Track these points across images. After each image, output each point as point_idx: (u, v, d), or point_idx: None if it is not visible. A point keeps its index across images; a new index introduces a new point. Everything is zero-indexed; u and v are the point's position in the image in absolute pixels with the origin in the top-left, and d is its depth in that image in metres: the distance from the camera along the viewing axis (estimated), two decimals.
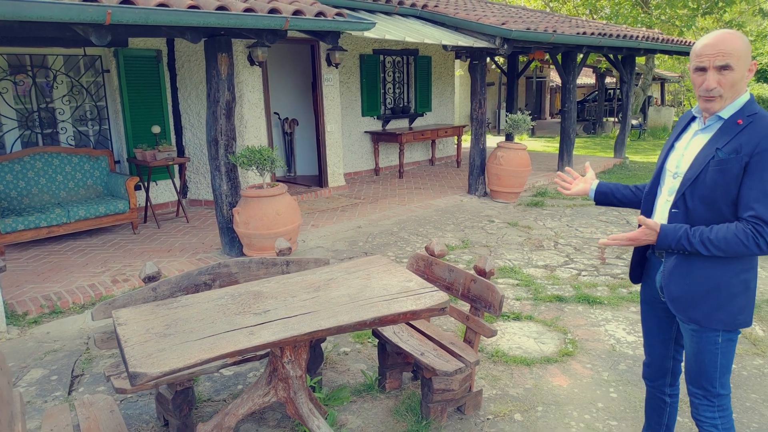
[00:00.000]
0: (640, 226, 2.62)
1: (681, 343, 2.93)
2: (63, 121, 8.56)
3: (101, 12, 4.75)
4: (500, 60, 20.11)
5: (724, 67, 2.42)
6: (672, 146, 2.75)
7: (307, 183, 11.38)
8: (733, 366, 4.48)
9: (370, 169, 12.98)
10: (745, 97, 2.50)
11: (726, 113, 2.50)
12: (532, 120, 25.60)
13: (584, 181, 3.18)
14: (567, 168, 3.31)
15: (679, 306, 2.64)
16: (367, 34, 7.45)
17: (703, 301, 2.57)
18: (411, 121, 13.72)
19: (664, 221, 2.66)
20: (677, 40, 14.46)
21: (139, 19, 5.02)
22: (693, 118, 2.73)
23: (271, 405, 3.78)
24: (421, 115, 13.97)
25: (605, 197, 3.11)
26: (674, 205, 2.60)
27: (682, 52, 14.97)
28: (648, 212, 2.83)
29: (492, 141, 16.17)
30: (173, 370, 2.44)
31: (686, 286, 2.60)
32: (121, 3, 4.95)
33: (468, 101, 21.95)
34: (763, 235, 2.37)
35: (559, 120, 13.02)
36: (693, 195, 2.53)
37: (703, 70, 2.48)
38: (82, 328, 5.36)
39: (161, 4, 5.18)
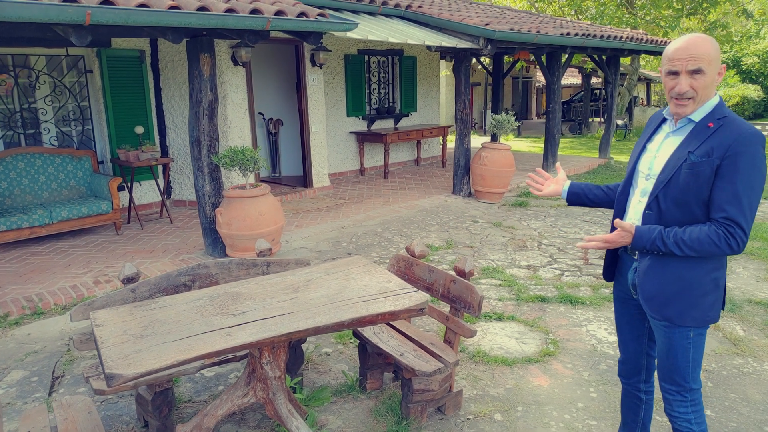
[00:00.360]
0: (613, 228, 2.66)
1: (654, 340, 2.97)
2: (46, 121, 8.52)
3: (81, 12, 4.73)
4: (486, 60, 20.17)
5: (696, 71, 2.45)
6: (644, 148, 2.79)
7: (292, 183, 11.36)
8: (713, 365, 4.53)
9: (356, 170, 12.98)
10: (714, 101, 2.54)
11: (697, 116, 2.54)
12: (519, 120, 25.69)
13: (556, 182, 3.22)
14: (537, 169, 3.33)
15: (653, 305, 2.68)
16: (349, 34, 7.45)
17: (676, 300, 2.62)
18: (396, 122, 13.73)
19: (638, 222, 2.71)
20: (661, 41, 14.54)
21: (119, 20, 5.00)
22: (663, 120, 2.76)
23: (251, 406, 3.79)
24: (407, 116, 13.99)
25: (577, 198, 3.14)
26: (648, 207, 2.65)
27: None
28: (621, 212, 2.87)
29: (478, 141, 16.21)
30: (149, 371, 2.44)
31: (660, 285, 2.64)
32: (101, 3, 4.92)
33: (454, 101, 22.00)
34: (734, 235, 2.42)
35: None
36: (666, 197, 2.57)
37: (675, 74, 2.51)
38: (64, 330, 5.34)
39: (141, 5, 5.16)
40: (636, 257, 2.76)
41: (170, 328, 2.77)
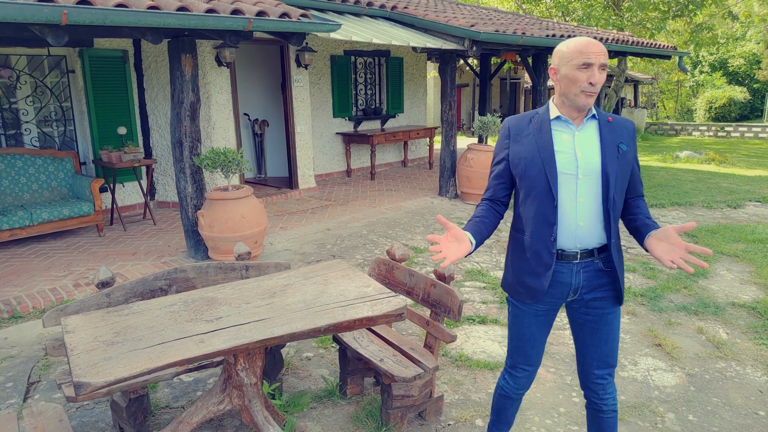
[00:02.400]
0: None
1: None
2: (27, 122, 8.42)
3: (57, 12, 4.65)
4: (473, 62, 20.15)
5: (603, 67, 2.59)
6: (553, 152, 2.66)
7: (277, 185, 11.30)
8: (696, 369, 4.52)
9: (342, 171, 12.93)
10: None
11: (594, 110, 2.71)
12: None
13: (455, 237, 2.67)
14: (429, 237, 2.63)
15: (620, 296, 2.80)
16: (333, 35, 7.40)
17: (621, 282, 2.79)
18: (383, 123, 13.69)
19: (590, 221, 2.67)
20: (648, 43, 14.58)
21: (97, 20, 4.92)
22: (550, 122, 2.71)
23: (228, 412, 3.73)
24: (394, 117, 13.95)
25: (482, 241, 2.81)
26: (604, 203, 2.68)
27: (652, 54, 15.11)
28: (553, 222, 2.69)
29: (466, 142, 16.15)
30: (118, 380, 2.38)
31: (619, 274, 2.74)
32: (77, 3, 4.84)
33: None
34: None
35: None
36: (616, 189, 2.68)
37: (589, 66, 2.57)
38: (41, 334, 5.26)
39: (120, 5, 5.08)
40: (577, 260, 2.72)
41: (142, 334, 2.72)
